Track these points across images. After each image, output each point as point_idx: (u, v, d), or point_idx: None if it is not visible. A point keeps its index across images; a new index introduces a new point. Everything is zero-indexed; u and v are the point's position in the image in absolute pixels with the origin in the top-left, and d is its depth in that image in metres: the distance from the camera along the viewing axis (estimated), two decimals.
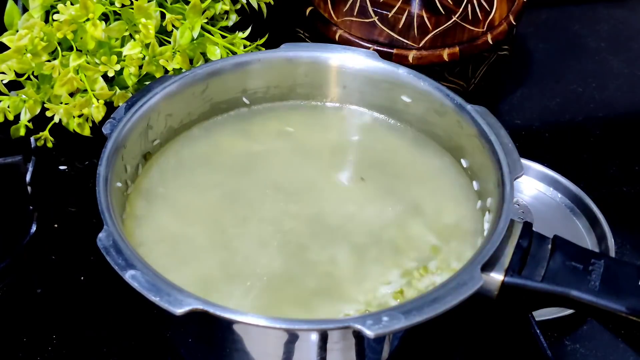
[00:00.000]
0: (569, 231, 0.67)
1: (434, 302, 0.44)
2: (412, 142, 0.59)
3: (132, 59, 0.62)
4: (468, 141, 0.56)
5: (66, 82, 0.61)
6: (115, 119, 0.54)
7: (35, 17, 0.62)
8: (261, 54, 0.61)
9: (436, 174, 0.57)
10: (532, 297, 0.48)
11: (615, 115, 0.79)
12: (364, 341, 0.46)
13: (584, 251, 0.49)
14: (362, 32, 0.71)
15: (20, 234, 0.61)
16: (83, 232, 0.61)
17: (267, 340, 0.46)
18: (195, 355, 0.52)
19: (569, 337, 0.60)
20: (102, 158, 0.51)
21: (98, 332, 0.56)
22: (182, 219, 0.53)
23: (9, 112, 0.63)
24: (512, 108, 0.79)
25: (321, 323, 0.44)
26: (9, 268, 0.60)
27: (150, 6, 0.62)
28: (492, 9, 0.72)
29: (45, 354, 0.55)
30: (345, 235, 0.53)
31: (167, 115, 0.57)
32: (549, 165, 0.70)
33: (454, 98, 0.56)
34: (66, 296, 0.59)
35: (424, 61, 0.71)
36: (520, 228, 0.50)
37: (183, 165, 0.57)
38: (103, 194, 0.49)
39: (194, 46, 0.65)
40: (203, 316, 0.43)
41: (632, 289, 0.47)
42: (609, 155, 0.75)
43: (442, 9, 0.70)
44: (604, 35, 0.89)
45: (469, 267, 0.46)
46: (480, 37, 0.72)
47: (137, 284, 0.44)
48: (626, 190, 0.71)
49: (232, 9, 0.68)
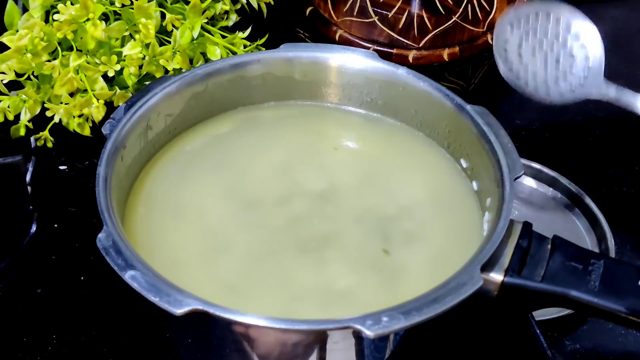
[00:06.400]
0: (569, 231, 0.67)
1: (434, 302, 0.44)
2: (412, 142, 0.59)
3: (132, 59, 0.62)
4: (468, 141, 0.56)
5: (66, 82, 0.61)
6: (115, 119, 0.54)
7: (35, 17, 0.62)
8: (261, 54, 0.61)
9: (436, 174, 0.57)
10: (532, 297, 0.48)
11: (615, 115, 0.79)
12: (363, 341, 0.46)
13: (583, 251, 0.49)
14: (362, 32, 0.71)
15: (20, 234, 0.61)
16: (83, 232, 0.61)
17: (267, 340, 0.46)
18: (195, 356, 0.52)
19: (569, 337, 0.60)
20: (102, 158, 0.51)
21: (98, 332, 0.56)
22: (183, 218, 0.53)
23: (9, 112, 0.63)
24: (512, 108, 0.79)
25: (321, 323, 0.44)
26: (9, 268, 0.60)
27: (150, 6, 0.62)
28: (492, 9, 0.72)
29: (45, 354, 0.55)
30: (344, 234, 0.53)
31: (167, 115, 0.57)
32: (549, 165, 0.70)
33: (454, 98, 0.56)
34: (66, 296, 0.59)
35: (424, 61, 0.71)
36: (519, 228, 0.50)
37: (183, 165, 0.57)
38: (103, 194, 0.49)
39: (194, 46, 0.65)
40: (203, 316, 0.43)
41: (632, 289, 0.47)
42: (609, 155, 0.75)
43: (442, 9, 0.70)
44: (604, 35, 0.89)
45: (469, 267, 0.46)
46: (480, 37, 0.72)
47: (137, 285, 0.44)
48: (626, 190, 0.71)
49: (232, 9, 0.68)
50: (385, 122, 0.61)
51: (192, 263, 0.51)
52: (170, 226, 0.53)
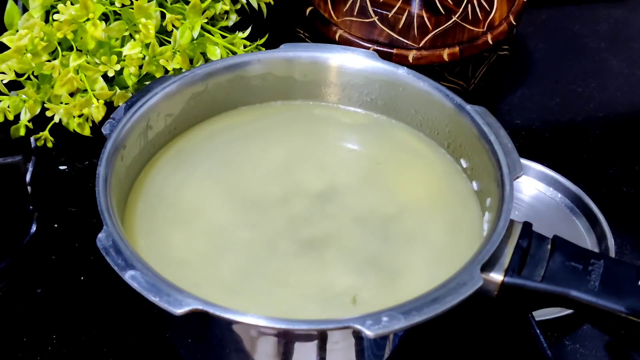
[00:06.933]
0: (569, 231, 0.67)
1: (434, 302, 0.44)
2: (412, 142, 0.59)
3: (132, 59, 0.62)
4: (468, 141, 0.56)
5: (66, 82, 0.61)
6: (115, 119, 0.54)
7: (35, 17, 0.62)
8: (261, 54, 0.61)
9: (436, 174, 0.57)
10: (532, 297, 0.48)
11: (615, 115, 0.79)
12: (363, 341, 0.46)
13: (583, 251, 0.49)
14: (362, 32, 0.71)
15: (20, 234, 0.61)
16: (83, 232, 0.62)
17: (267, 340, 0.46)
18: (195, 356, 0.52)
19: (569, 337, 0.60)
20: (102, 158, 0.51)
21: (98, 332, 0.56)
22: (183, 218, 0.53)
23: (9, 112, 0.63)
24: (512, 108, 0.79)
25: (321, 323, 0.44)
26: (9, 268, 0.60)
27: (150, 6, 0.62)
28: (492, 9, 0.72)
29: (45, 354, 0.55)
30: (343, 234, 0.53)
31: (167, 115, 0.57)
32: (549, 165, 0.70)
33: (454, 98, 0.56)
34: (66, 296, 0.59)
35: (424, 61, 0.71)
36: (519, 228, 0.50)
37: (183, 165, 0.57)
38: (103, 194, 0.49)
39: (194, 46, 0.65)
40: (203, 316, 0.43)
41: (631, 289, 0.47)
42: (609, 155, 0.75)
43: (442, 9, 0.70)
44: (604, 35, 0.89)
45: (469, 267, 0.46)
46: (480, 37, 0.72)
47: (137, 284, 0.44)
48: (626, 190, 0.71)
49: (232, 9, 0.68)
50: (385, 122, 0.61)
51: (192, 263, 0.51)
52: (170, 226, 0.53)
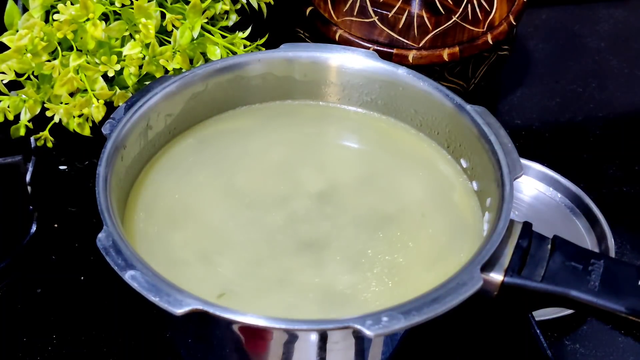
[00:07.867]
0: (569, 231, 0.67)
1: (434, 302, 0.44)
2: (412, 142, 0.59)
3: (132, 59, 0.62)
4: (468, 141, 0.56)
5: (66, 82, 0.61)
6: (115, 119, 0.54)
7: (35, 17, 0.62)
8: (261, 54, 0.61)
9: (436, 174, 0.57)
10: (532, 297, 0.48)
11: (615, 115, 0.79)
12: (363, 341, 0.46)
13: (583, 251, 0.49)
14: (362, 32, 0.71)
15: (20, 234, 0.61)
16: (83, 232, 0.62)
17: (267, 340, 0.46)
18: (195, 356, 0.52)
19: (569, 337, 0.60)
20: (102, 158, 0.51)
21: (98, 332, 0.56)
22: (183, 218, 0.53)
23: (9, 112, 0.63)
24: (512, 108, 0.79)
25: (321, 323, 0.44)
26: (9, 268, 0.60)
27: (150, 6, 0.62)
28: (492, 9, 0.72)
29: (45, 354, 0.55)
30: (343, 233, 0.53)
31: (167, 115, 0.57)
32: (549, 165, 0.70)
33: (454, 98, 0.56)
34: (66, 296, 0.59)
35: (424, 61, 0.71)
36: (519, 228, 0.50)
37: (183, 165, 0.57)
38: (103, 194, 0.49)
39: (194, 46, 0.65)
40: (203, 316, 0.43)
41: (631, 289, 0.47)
42: (609, 155, 0.75)
43: (442, 9, 0.70)
44: (604, 35, 0.89)
45: (469, 267, 0.46)
46: (480, 37, 0.72)
47: (137, 284, 0.44)
48: (626, 190, 0.72)
49: (232, 9, 0.68)
50: (385, 122, 0.61)
51: (192, 263, 0.51)
52: (170, 226, 0.53)
